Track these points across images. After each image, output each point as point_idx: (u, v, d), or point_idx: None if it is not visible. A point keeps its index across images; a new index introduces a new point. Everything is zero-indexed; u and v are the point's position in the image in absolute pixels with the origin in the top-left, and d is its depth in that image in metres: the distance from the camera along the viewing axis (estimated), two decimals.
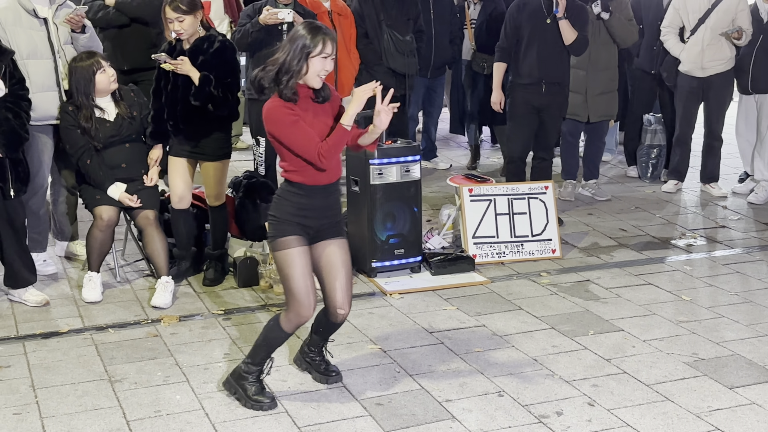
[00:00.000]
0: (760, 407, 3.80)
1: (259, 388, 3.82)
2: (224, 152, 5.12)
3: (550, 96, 6.11)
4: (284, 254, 3.66)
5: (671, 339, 4.49)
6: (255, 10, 6.15)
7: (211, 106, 4.87)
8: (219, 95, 4.86)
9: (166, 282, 4.96)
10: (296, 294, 3.67)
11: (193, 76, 4.82)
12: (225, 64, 4.91)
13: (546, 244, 5.78)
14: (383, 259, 5.36)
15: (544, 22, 6.01)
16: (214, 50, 4.88)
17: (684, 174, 7.38)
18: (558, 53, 6.09)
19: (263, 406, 3.78)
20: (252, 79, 3.72)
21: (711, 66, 6.94)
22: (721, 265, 5.62)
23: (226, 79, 4.89)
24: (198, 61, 4.85)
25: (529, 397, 3.90)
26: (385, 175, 5.30)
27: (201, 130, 4.99)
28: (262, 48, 6.10)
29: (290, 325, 3.74)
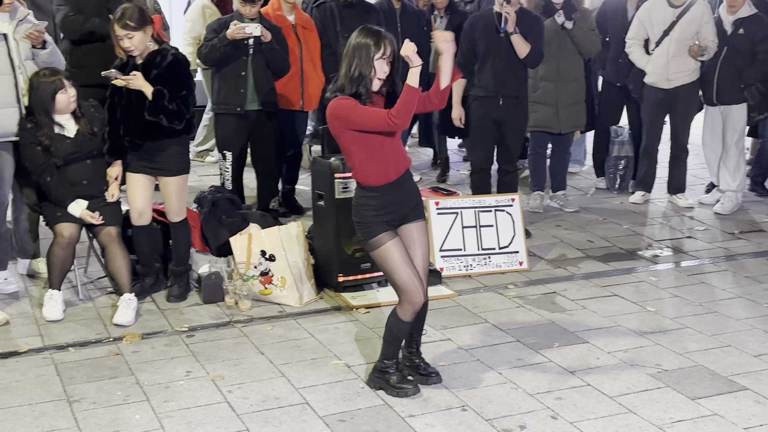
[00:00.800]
0: (721, 418, 3.80)
1: (401, 377, 4.02)
2: (182, 167, 5.07)
3: (508, 109, 6.15)
4: (380, 252, 3.83)
5: (635, 350, 4.50)
6: (221, 24, 6.14)
7: (166, 121, 4.83)
8: (173, 109, 4.82)
9: (128, 299, 4.91)
10: (403, 284, 3.83)
11: (146, 90, 4.79)
12: (179, 77, 4.87)
13: (513, 256, 5.78)
14: (349, 273, 5.33)
15: (498, 36, 6.06)
16: (167, 64, 4.84)
17: (651, 185, 7.43)
18: (514, 67, 6.13)
19: (408, 392, 3.97)
20: (328, 96, 3.85)
21: (676, 78, 6.99)
22: (687, 276, 5.65)
23: (180, 92, 4.85)
24: (151, 75, 4.82)
25: (492, 411, 3.88)
26: (350, 188, 5.27)
27: (157, 145, 4.95)
28: (229, 62, 6.09)
29: (408, 315, 3.89)
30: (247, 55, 6.10)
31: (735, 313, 4.99)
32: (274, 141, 6.42)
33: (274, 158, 6.47)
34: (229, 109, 6.18)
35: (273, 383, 4.17)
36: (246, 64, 6.11)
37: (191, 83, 4.95)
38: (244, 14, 6.06)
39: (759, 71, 6.85)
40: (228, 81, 6.14)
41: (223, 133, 6.30)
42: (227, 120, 6.23)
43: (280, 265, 5.12)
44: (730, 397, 3.98)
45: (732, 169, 7.09)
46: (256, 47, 6.07)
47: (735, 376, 4.19)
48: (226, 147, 6.28)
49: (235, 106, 6.16)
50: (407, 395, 3.97)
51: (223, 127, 6.29)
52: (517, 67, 6.14)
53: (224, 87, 6.16)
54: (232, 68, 6.12)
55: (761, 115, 7.05)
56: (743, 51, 6.85)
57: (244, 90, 6.13)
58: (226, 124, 6.26)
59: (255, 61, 6.12)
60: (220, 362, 4.40)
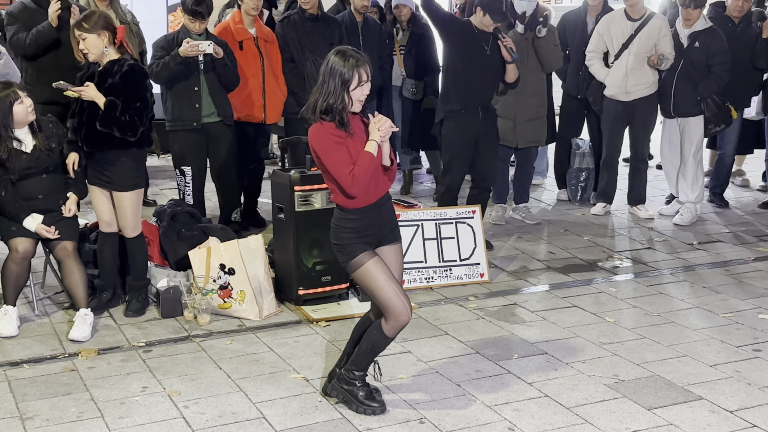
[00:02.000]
0: (677, 428, 3.83)
1: (369, 392, 3.95)
2: (135, 182, 5.00)
3: (486, 122, 6.12)
4: (362, 272, 3.80)
5: (593, 361, 4.52)
6: (168, 42, 6.09)
7: (118, 132, 4.77)
8: (126, 120, 4.76)
9: (84, 314, 4.85)
10: (388, 301, 3.80)
11: (98, 101, 4.74)
12: (133, 88, 4.80)
13: (474, 268, 5.79)
14: (310, 286, 5.31)
15: (483, 51, 5.99)
16: (122, 74, 4.78)
17: (612, 196, 7.49)
18: (493, 82, 6.17)
19: (375, 410, 3.91)
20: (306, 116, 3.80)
21: (635, 90, 7.07)
22: (646, 287, 5.70)
23: (134, 104, 4.78)
24: (106, 85, 4.77)
25: (450, 424, 3.88)
26: (310, 201, 5.26)
27: (108, 157, 4.90)
28: (180, 79, 6.04)
29: (393, 332, 3.87)
30: (198, 71, 6.07)
31: (692, 323, 5.04)
32: (234, 153, 6.39)
33: (235, 170, 6.44)
34: (185, 125, 6.13)
35: (230, 398, 4.14)
36: (198, 79, 6.08)
37: (146, 95, 4.87)
38: (191, 30, 6.03)
39: (714, 84, 6.95)
40: (181, 97, 6.09)
41: (181, 150, 6.25)
42: (183, 136, 6.18)
43: (239, 278, 5.09)
44: (686, 407, 4.01)
45: (690, 181, 7.17)
46: (207, 62, 6.05)
47: (691, 386, 4.23)
48: (183, 163, 6.23)
49: (191, 122, 6.12)
50: (374, 413, 3.91)
51: (179, 143, 6.24)
52: (494, 81, 6.16)
53: (178, 104, 6.11)
54: (184, 84, 6.07)
55: (718, 127, 7.15)
56: (699, 64, 6.95)
57: (199, 105, 6.10)
58: (182, 141, 6.21)
59: (208, 75, 6.09)
60: (177, 377, 4.36)
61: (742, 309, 5.25)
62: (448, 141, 6.15)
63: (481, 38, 6.01)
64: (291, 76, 6.76)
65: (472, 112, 6.06)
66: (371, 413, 3.91)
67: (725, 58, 6.91)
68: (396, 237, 3.95)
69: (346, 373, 3.99)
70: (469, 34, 6.02)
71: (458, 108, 6.07)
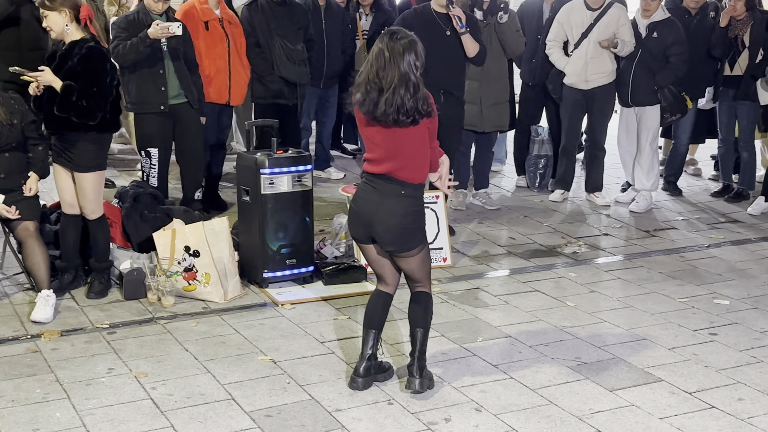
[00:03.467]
0: (638, 408, 3.94)
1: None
2: (95, 164, 4.90)
3: (449, 107, 6.03)
4: (427, 250, 4.02)
5: (556, 344, 4.61)
6: (129, 23, 5.98)
7: (75, 118, 4.68)
8: (83, 105, 4.66)
9: (47, 296, 4.79)
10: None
11: (55, 85, 4.65)
12: (91, 72, 4.69)
13: (437, 252, 5.84)
14: (275, 269, 5.31)
15: (443, 34, 5.97)
16: (80, 57, 4.68)
17: (570, 183, 7.61)
18: (456, 64, 6.07)
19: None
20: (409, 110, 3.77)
21: (594, 79, 7.18)
22: (604, 272, 5.81)
23: (91, 88, 4.68)
24: (65, 67, 4.69)
25: (418, 405, 3.93)
26: (276, 184, 5.25)
27: (69, 139, 4.82)
28: (145, 63, 5.97)
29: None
30: (162, 53, 6.01)
31: (650, 307, 5.16)
32: (201, 134, 6.35)
33: (201, 152, 6.41)
34: (152, 108, 6.08)
35: (198, 379, 4.14)
36: (163, 62, 6.02)
37: (105, 79, 4.75)
38: (153, 10, 5.96)
39: (671, 74, 7.08)
40: (146, 80, 6.02)
41: (148, 132, 6.18)
42: (149, 119, 6.12)
43: (204, 261, 5.07)
44: (647, 389, 4.12)
45: (646, 169, 7.31)
46: (171, 44, 5.99)
47: (651, 368, 4.34)
48: (149, 145, 6.17)
49: (157, 105, 6.07)
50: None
51: (146, 126, 6.18)
52: (459, 65, 6.10)
53: (143, 86, 6.03)
54: (149, 67, 6.00)
55: (673, 116, 7.29)
56: (656, 54, 7.07)
57: (165, 88, 6.04)
58: (149, 123, 6.14)
59: (171, 58, 6.03)
60: (143, 359, 4.34)
61: (698, 294, 5.39)
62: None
63: (441, 21, 6.00)
64: (258, 61, 6.73)
65: (434, 96, 5.99)
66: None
67: (683, 48, 7.05)
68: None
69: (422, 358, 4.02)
70: (427, 17, 5.99)
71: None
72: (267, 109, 6.79)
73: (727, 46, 7.35)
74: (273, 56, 6.72)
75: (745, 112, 7.42)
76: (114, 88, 4.85)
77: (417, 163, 3.85)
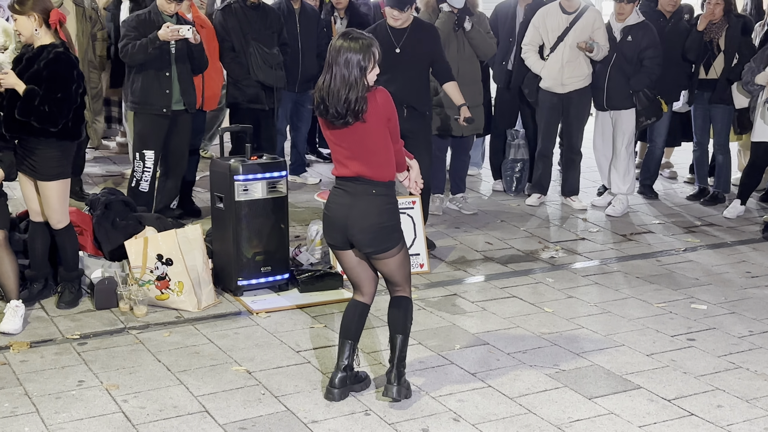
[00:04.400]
0: (617, 416, 3.90)
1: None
2: (57, 172, 4.77)
3: (413, 121, 5.88)
4: (406, 251, 3.95)
5: (534, 351, 4.58)
6: (140, 22, 5.97)
7: (36, 122, 4.58)
8: (45, 111, 4.56)
9: (15, 306, 4.68)
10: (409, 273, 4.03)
11: (18, 88, 4.57)
12: (56, 77, 4.59)
13: (414, 258, 5.78)
14: (249, 276, 5.24)
15: (395, 52, 5.80)
16: (47, 61, 4.60)
17: (546, 187, 7.59)
18: (415, 79, 5.88)
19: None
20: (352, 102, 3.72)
21: (570, 82, 7.17)
22: (581, 277, 5.79)
23: (55, 94, 4.58)
24: (30, 71, 4.61)
25: (395, 415, 3.87)
26: (250, 191, 5.18)
27: (29, 146, 4.72)
28: (153, 64, 5.96)
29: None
30: (170, 55, 5.99)
31: (628, 313, 5.14)
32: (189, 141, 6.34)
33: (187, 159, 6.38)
34: (154, 110, 6.04)
35: (170, 391, 4.05)
36: (170, 64, 6.00)
37: (70, 86, 4.64)
38: (165, 11, 5.96)
39: (645, 77, 7.08)
40: (152, 81, 6.02)
41: (146, 133, 6.14)
42: (150, 119, 6.10)
43: (177, 269, 4.98)
44: (625, 396, 4.09)
45: (622, 173, 7.31)
46: (179, 47, 5.96)
47: (629, 375, 4.31)
48: (146, 146, 6.12)
49: (160, 107, 6.04)
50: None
51: (145, 126, 6.14)
52: (418, 80, 5.91)
53: (147, 87, 6.02)
54: (156, 68, 5.99)
55: (649, 120, 7.30)
56: (631, 57, 7.07)
57: (170, 91, 6.04)
58: (148, 124, 6.11)
59: (178, 61, 6.02)
60: (115, 371, 4.25)
61: (675, 299, 5.38)
62: None
63: (393, 37, 5.84)
64: (233, 65, 6.66)
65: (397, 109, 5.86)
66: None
67: (657, 52, 7.06)
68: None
69: (402, 365, 3.96)
70: (380, 34, 5.77)
71: None
72: (243, 114, 6.72)
73: (702, 50, 7.36)
74: (249, 60, 6.65)
75: (720, 115, 7.44)
76: (79, 96, 4.74)
77: (382, 161, 3.80)
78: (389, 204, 3.85)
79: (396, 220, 3.89)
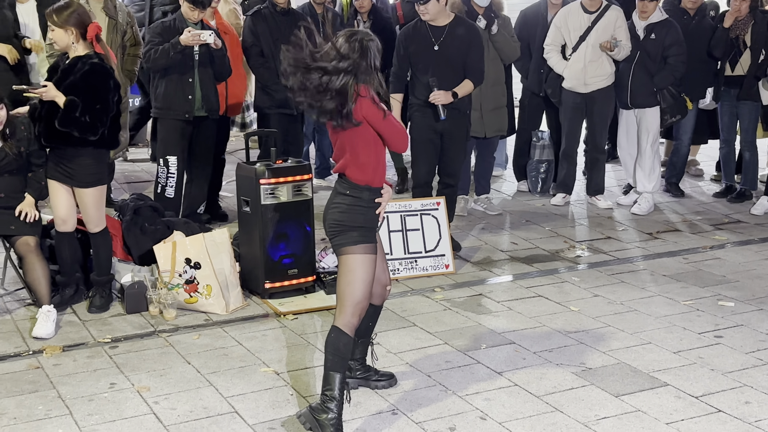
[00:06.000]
0: (644, 414, 3.90)
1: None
2: (95, 179, 4.89)
3: (454, 121, 5.89)
4: (358, 259, 3.67)
5: (560, 350, 4.58)
6: (165, 29, 6.06)
7: (77, 133, 4.68)
8: (86, 121, 4.66)
9: (48, 311, 4.77)
10: (361, 299, 3.69)
11: (58, 100, 4.66)
12: (93, 88, 4.69)
13: (439, 259, 5.82)
14: (276, 279, 5.29)
15: (434, 50, 5.84)
16: (83, 73, 4.70)
17: (571, 187, 7.59)
18: (453, 78, 5.87)
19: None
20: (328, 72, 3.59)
21: (593, 82, 7.16)
22: (607, 276, 5.78)
23: (94, 105, 4.68)
24: (67, 80, 4.71)
25: (422, 414, 3.90)
26: (276, 194, 5.24)
27: (66, 154, 4.82)
28: (176, 69, 6.03)
29: (350, 328, 3.71)
30: (193, 62, 6.06)
31: (654, 311, 5.13)
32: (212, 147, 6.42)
33: (211, 165, 6.46)
34: (177, 115, 6.12)
35: (201, 393, 4.11)
36: (193, 70, 6.08)
37: (108, 96, 4.74)
38: (189, 19, 6.03)
39: (670, 75, 7.06)
40: (175, 87, 6.09)
41: (170, 138, 6.21)
42: (173, 125, 6.17)
43: (205, 272, 5.05)
44: (652, 393, 4.09)
45: (647, 171, 7.29)
46: (202, 53, 6.03)
47: (656, 372, 4.31)
48: (169, 152, 6.20)
49: (183, 113, 6.11)
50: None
51: (168, 131, 6.21)
52: (455, 78, 5.87)
53: (171, 92, 6.09)
54: (179, 74, 6.06)
55: (673, 117, 7.27)
56: (655, 55, 7.06)
57: (192, 96, 6.11)
58: (172, 129, 6.18)
59: (201, 67, 6.09)
60: (146, 373, 4.32)
61: (702, 296, 5.36)
62: (413, 136, 5.96)
63: (432, 34, 5.86)
64: (262, 71, 6.72)
65: (435, 109, 5.81)
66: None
67: (681, 49, 7.03)
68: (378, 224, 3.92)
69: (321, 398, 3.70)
70: (418, 32, 5.87)
71: (419, 103, 5.94)
72: (271, 119, 6.78)
73: (728, 47, 7.32)
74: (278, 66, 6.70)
75: (747, 112, 7.39)
76: (115, 105, 4.84)
77: (360, 163, 3.69)
78: (351, 204, 3.70)
79: (349, 225, 3.68)
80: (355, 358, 4.11)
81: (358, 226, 3.69)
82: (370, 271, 3.72)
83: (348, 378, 4.05)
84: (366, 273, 3.69)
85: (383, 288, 4.01)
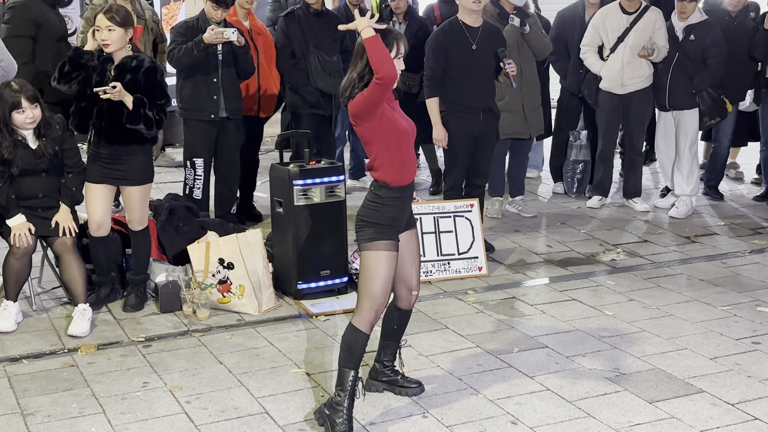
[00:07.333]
0: (679, 421, 3.84)
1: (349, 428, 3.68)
2: (146, 176, 5.03)
3: (488, 123, 5.92)
4: (378, 255, 3.69)
5: (594, 354, 4.53)
6: (188, 28, 6.08)
7: (145, 129, 4.82)
8: (154, 117, 4.82)
9: (83, 310, 4.83)
10: (377, 295, 3.69)
11: (126, 100, 4.76)
12: (156, 85, 4.88)
13: (472, 261, 5.79)
14: (309, 280, 5.30)
15: (471, 50, 5.85)
16: (145, 70, 4.83)
17: (607, 189, 7.50)
18: (488, 80, 5.92)
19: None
20: (343, 89, 3.72)
21: (630, 83, 7.08)
22: (643, 279, 5.71)
23: (159, 100, 4.86)
24: (125, 80, 4.79)
25: (453, 418, 3.88)
26: (309, 196, 5.25)
27: (121, 153, 4.91)
28: (200, 69, 6.04)
29: (368, 326, 3.72)
30: (217, 61, 6.08)
31: (691, 316, 5.05)
32: (239, 147, 6.41)
33: (239, 165, 6.46)
34: (202, 116, 6.14)
35: (232, 393, 4.13)
36: (217, 70, 6.09)
37: (166, 92, 4.94)
38: (212, 18, 6.03)
39: (709, 77, 6.96)
40: (200, 87, 6.10)
41: (196, 140, 6.23)
42: (199, 126, 6.18)
43: (238, 273, 5.07)
44: (687, 400, 4.03)
45: (685, 174, 7.19)
46: (225, 52, 6.05)
47: (691, 378, 4.24)
48: (195, 154, 6.22)
49: (208, 113, 6.13)
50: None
51: (194, 133, 6.23)
52: (490, 80, 5.94)
53: (196, 93, 6.10)
54: (204, 74, 6.08)
55: (712, 119, 7.17)
56: (694, 57, 6.96)
57: (217, 97, 6.11)
58: (197, 131, 6.20)
59: (224, 66, 6.10)
60: (178, 372, 4.35)
61: (740, 302, 5.27)
62: (450, 141, 5.92)
63: (469, 34, 5.85)
64: (293, 72, 6.72)
65: (472, 113, 5.86)
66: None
67: (720, 51, 6.93)
68: (413, 222, 3.95)
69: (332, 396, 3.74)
70: (454, 31, 5.86)
71: (458, 108, 5.90)
72: (303, 120, 6.79)
73: None
74: (308, 67, 6.72)
75: None
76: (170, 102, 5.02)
77: (376, 160, 3.76)
78: (372, 201, 3.76)
79: (368, 220, 3.73)
80: (382, 360, 4.10)
81: (374, 223, 3.73)
82: (388, 268, 3.71)
83: (374, 381, 4.07)
84: (383, 270, 3.69)
85: (409, 292, 3.97)
